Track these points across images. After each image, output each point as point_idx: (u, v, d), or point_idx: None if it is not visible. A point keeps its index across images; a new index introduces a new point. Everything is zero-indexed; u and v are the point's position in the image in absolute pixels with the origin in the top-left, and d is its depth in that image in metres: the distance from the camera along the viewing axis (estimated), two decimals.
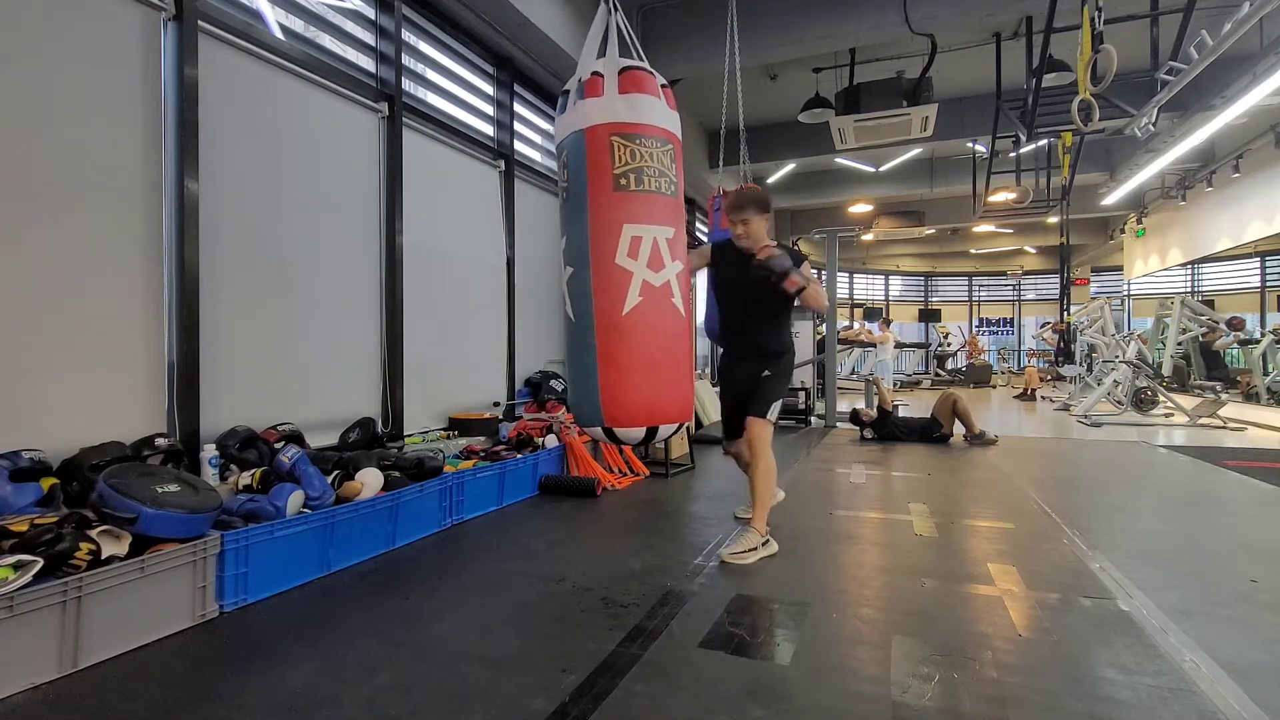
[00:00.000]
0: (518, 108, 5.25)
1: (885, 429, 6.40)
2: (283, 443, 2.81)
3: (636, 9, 5.53)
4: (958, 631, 2.03)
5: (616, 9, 2.43)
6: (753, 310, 2.94)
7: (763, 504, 2.82)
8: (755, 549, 2.71)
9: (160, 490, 2.07)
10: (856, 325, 14.57)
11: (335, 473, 2.80)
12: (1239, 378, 10.40)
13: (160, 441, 2.48)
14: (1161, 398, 8.42)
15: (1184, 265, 13.21)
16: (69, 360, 2.36)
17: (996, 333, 20.46)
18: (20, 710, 1.59)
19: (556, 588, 2.43)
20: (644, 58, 2.46)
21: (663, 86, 2.38)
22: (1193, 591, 2.37)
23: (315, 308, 3.39)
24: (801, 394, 7.87)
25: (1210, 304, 12.25)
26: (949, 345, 17.49)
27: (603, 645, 1.93)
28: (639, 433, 2.33)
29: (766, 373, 2.88)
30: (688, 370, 2.45)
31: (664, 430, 2.38)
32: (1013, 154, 8.32)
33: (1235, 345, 10.52)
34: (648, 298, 2.28)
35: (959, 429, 6.24)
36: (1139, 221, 13.22)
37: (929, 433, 6.25)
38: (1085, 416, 7.97)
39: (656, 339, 2.32)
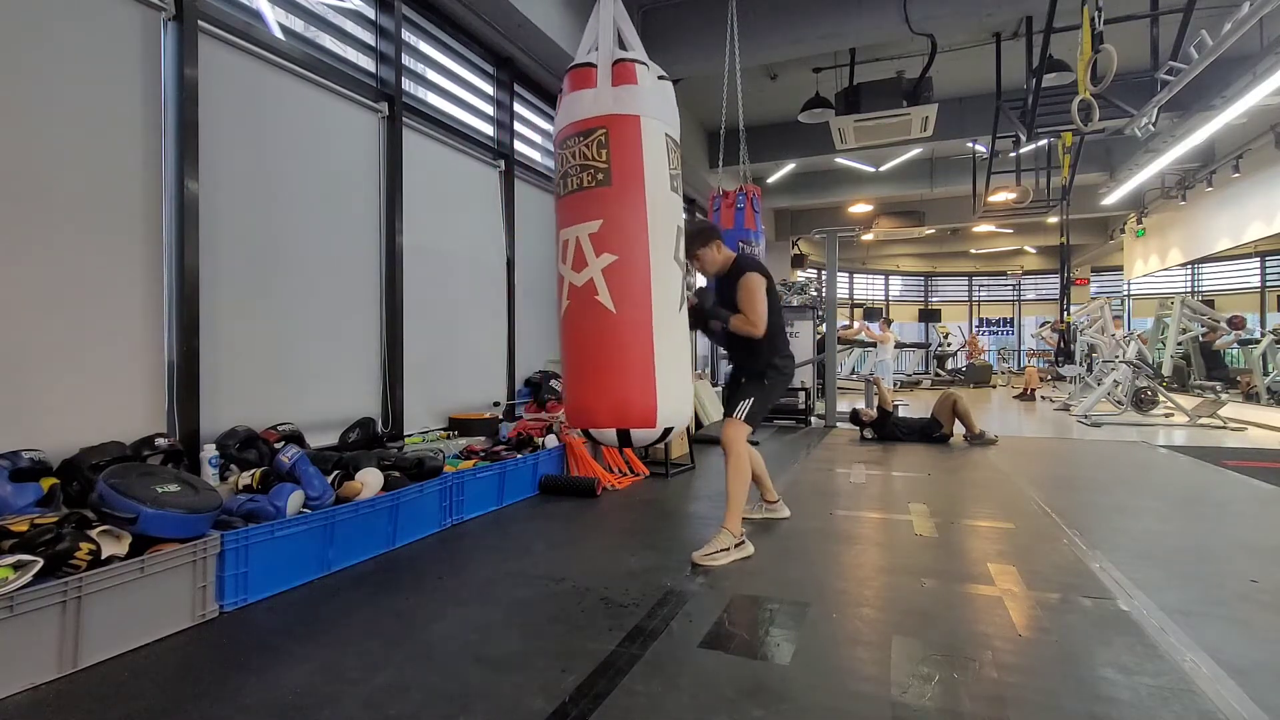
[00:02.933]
0: (518, 108, 5.25)
1: (885, 429, 6.40)
2: (283, 443, 2.81)
3: (637, 9, 5.53)
4: (958, 631, 2.03)
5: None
6: (730, 333, 3.02)
7: (733, 504, 2.83)
8: (727, 549, 2.71)
9: (160, 490, 2.07)
10: (856, 324, 14.56)
11: (335, 473, 2.80)
12: (1239, 378, 10.40)
13: (160, 441, 2.47)
14: (1161, 398, 8.42)
15: (1184, 265, 13.21)
16: (69, 360, 2.36)
17: (996, 333, 20.46)
18: (20, 710, 1.59)
19: (556, 588, 2.43)
20: (627, 46, 2.35)
21: (618, 63, 2.24)
22: (1193, 591, 2.37)
23: (315, 308, 3.39)
24: (801, 394, 7.88)
25: (1210, 304, 12.24)
26: (949, 345, 17.50)
27: (603, 645, 1.93)
28: (611, 434, 2.28)
29: (744, 379, 3.06)
30: (618, 371, 2.23)
31: (599, 435, 2.27)
32: (1013, 154, 8.31)
33: (1235, 345, 10.52)
34: (573, 300, 2.26)
35: (959, 429, 6.24)
36: (1139, 221, 13.22)
37: (929, 433, 6.25)
38: (1085, 416, 7.97)
39: (580, 341, 2.28)
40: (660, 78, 2.36)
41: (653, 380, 2.21)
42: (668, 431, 2.28)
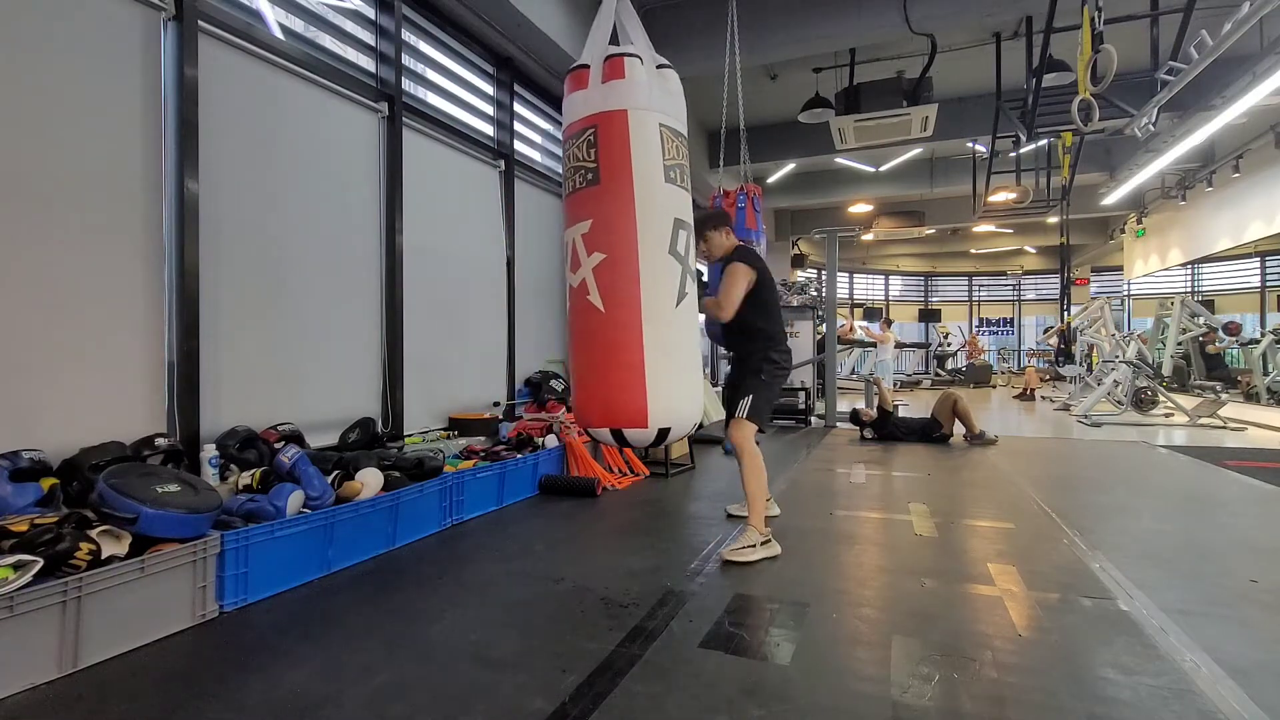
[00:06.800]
0: (518, 108, 5.25)
1: (885, 429, 6.40)
2: (283, 443, 2.81)
3: (637, 9, 5.52)
4: (958, 631, 2.03)
5: None
6: (728, 329, 3.03)
7: (752, 501, 2.84)
8: (754, 546, 2.72)
9: (160, 490, 2.07)
10: (853, 323, 14.55)
11: (335, 473, 2.80)
12: (1239, 378, 10.39)
13: (160, 441, 2.47)
14: (1161, 398, 8.42)
15: (1184, 265, 13.20)
16: (69, 360, 2.36)
17: (996, 333, 20.46)
18: (20, 710, 1.59)
19: (556, 588, 2.43)
20: (628, 39, 2.39)
21: (607, 60, 2.23)
22: (1193, 591, 2.37)
23: (315, 307, 3.39)
24: (801, 394, 7.87)
25: (1210, 304, 12.23)
26: (949, 345, 17.49)
27: (603, 645, 1.93)
28: (605, 434, 2.30)
29: (741, 377, 3.04)
30: (609, 371, 2.22)
31: (596, 434, 2.31)
32: (1013, 154, 8.31)
33: (1231, 349, 10.51)
34: (572, 302, 2.29)
35: (959, 429, 6.24)
36: (1139, 221, 13.21)
37: (929, 433, 6.25)
38: (1085, 416, 7.97)
39: (577, 343, 2.32)
40: (661, 67, 2.34)
41: (642, 379, 2.18)
42: (664, 433, 2.23)
